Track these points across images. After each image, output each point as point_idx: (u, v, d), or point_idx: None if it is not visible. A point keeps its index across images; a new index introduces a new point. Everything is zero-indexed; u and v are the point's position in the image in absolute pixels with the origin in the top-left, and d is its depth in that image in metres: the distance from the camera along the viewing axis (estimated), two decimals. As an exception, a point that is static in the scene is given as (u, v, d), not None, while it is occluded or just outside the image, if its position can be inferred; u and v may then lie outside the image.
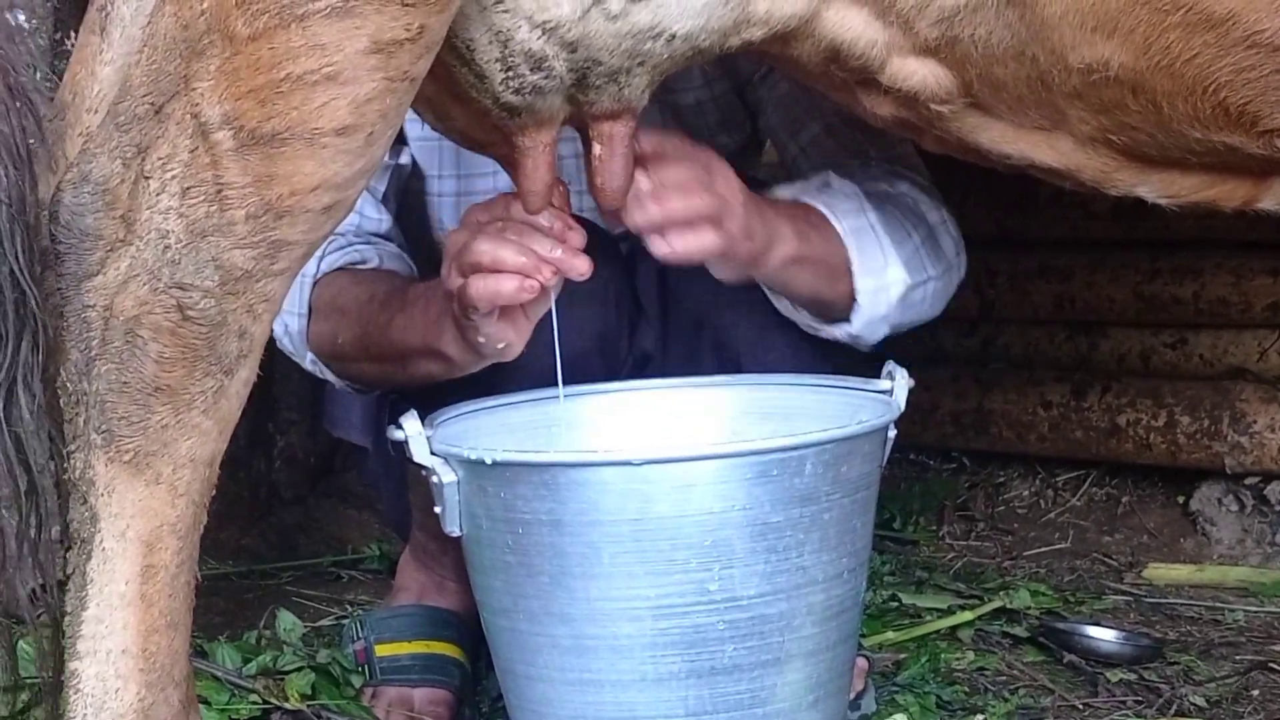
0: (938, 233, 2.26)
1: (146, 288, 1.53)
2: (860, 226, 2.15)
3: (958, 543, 3.38)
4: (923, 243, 2.22)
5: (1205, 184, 1.93)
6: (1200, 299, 3.29)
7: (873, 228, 2.16)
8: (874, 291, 2.16)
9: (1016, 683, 2.49)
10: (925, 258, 2.22)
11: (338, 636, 2.56)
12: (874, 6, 1.77)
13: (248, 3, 1.48)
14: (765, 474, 1.76)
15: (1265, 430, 3.15)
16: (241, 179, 1.52)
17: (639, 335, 2.28)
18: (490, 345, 1.96)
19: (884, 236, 2.16)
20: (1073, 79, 1.77)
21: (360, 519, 3.32)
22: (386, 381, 2.29)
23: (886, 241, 2.16)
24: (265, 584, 3.03)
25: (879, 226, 2.16)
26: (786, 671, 1.82)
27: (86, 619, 1.57)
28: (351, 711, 2.27)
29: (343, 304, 2.25)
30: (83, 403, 1.55)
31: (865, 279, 2.15)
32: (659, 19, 1.71)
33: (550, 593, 1.80)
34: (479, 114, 1.82)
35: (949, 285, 2.29)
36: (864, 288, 2.15)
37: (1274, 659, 2.57)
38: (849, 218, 2.15)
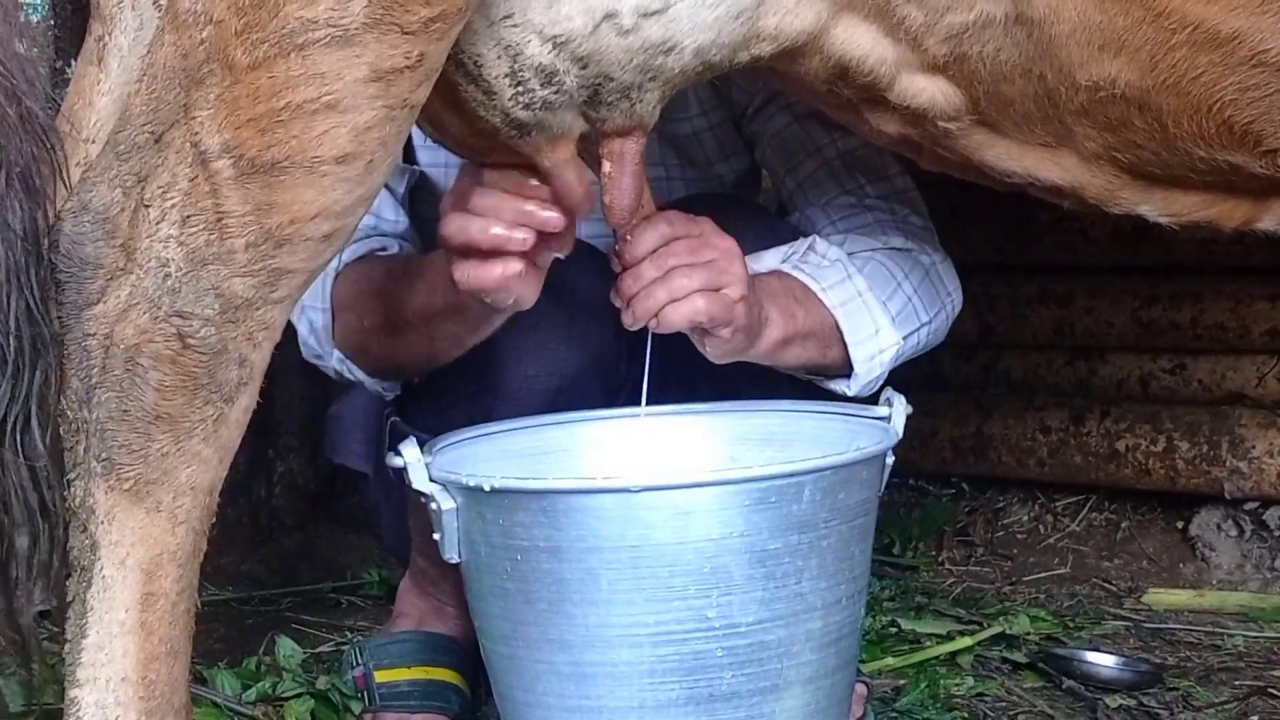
0: (932, 274, 2.28)
1: (147, 316, 1.54)
2: (847, 297, 2.17)
3: (957, 568, 3.38)
4: (916, 289, 2.23)
5: (1206, 203, 1.93)
6: (1199, 324, 3.29)
7: (859, 295, 2.18)
8: (868, 359, 2.19)
9: (1016, 709, 2.49)
10: (917, 305, 2.24)
11: (337, 663, 2.56)
12: (883, 23, 1.77)
13: (247, 32, 1.48)
14: (763, 501, 1.75)
15: (1264, 455, 3.16)
16: (241, 207, 1.52)
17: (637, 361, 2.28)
18: (488, 294, 1.93)
19: (872, 302, 2.18)
20: (1080, 96, 1.78)
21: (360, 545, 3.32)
22: (414, 359, 2.26)
23: (875, 306, 2.18)
24: (265, 610, 3.03)
25: (866, 292, 2.18)
26: (785, 698, 1.81)
27: (86, 646, 1.57)
28: (353, 739, 2.28)
29: (363, 287, 2.25)
30: (83, 430, 1.56)
31: (858, 349, 2.18)
32: (671, 34, 1.72)
33: (549, 619, 1.79)
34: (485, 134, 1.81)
35: (945, 323, 2.32)
36: (858, 357, 2.18)
37: (1274, 684, 2.56)
38: (835, 290, 2.17)
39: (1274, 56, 1.70)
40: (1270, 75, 1.72)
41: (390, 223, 2.40)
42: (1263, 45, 1.70)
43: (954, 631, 2.83)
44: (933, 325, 2.27)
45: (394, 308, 2.19)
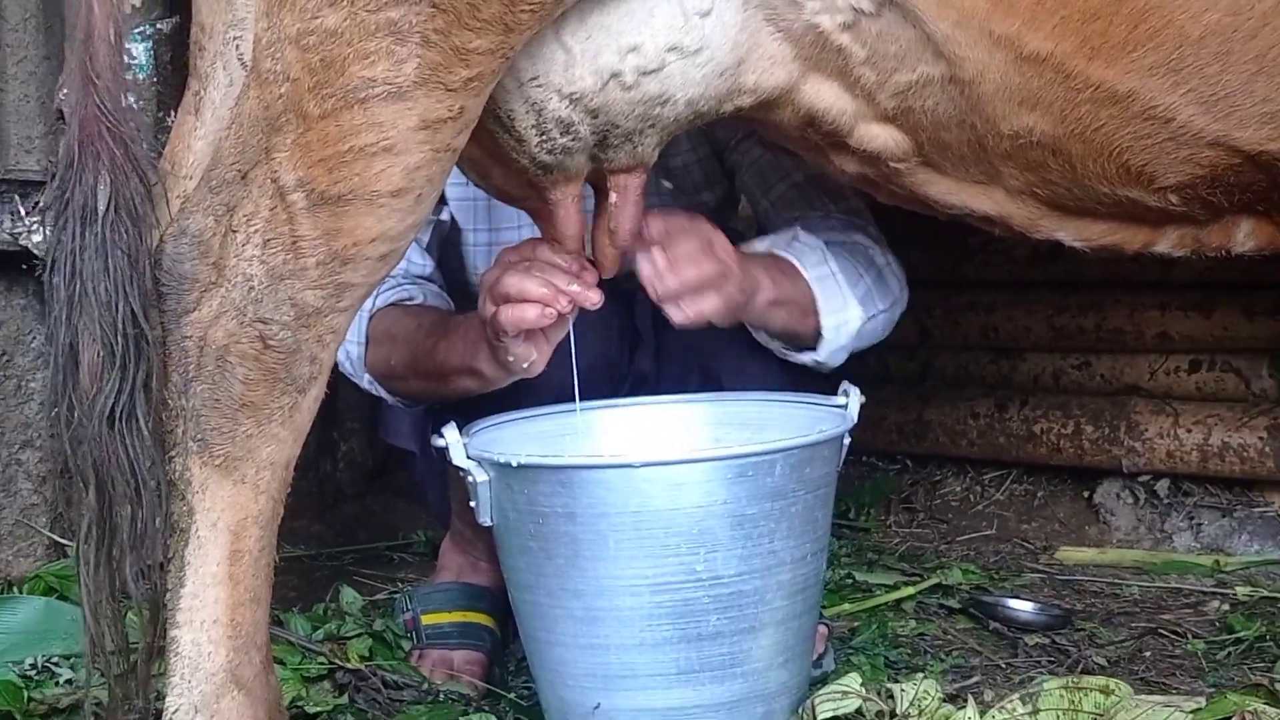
0: (885, 274, 2.27)
1: (234, 321, 1.54)
2: (823, 274, 2.17)
3: (901, 530, 3.36)
4: (874, 283, 2.23)
5: (1113, 230, 1.94)
6: (1101, 329, 3.28)
7: (833, 274, 2.17)
8: (836, 327, 2.18)
9: (950, 646, 2.48)
10: (876, 295, 2.23)
11: (390, 608, 2.55)
12: (843, 82, 1.77)
13: (318, 88, 1.49)
14: (743, 474, 1.76)
15: (1155, 437, 3.15)
16: (313, 232, 1.53)
17: (637, 359, 2.28)
18: (518, 364, 1.98)
19: (842, 281, 2.18)
20: (1004, 143, 1.77)
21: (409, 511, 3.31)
22: (430, 397, 2.29)
23: (844, 285, 2.18)
24: (330, 565, 3.02)
25: (838, 273, 2.18)
26: (760, 637, 1.82)
27: (184, 595, 1.58)
28: (402, 671, 2.27)
29: (395, 333, 2.26)
30: (182, 416, 1.56)
31: (829, 317, 2.17)
32: (666, 88, 1.72)
33: (565, 572, 1.80)
34: (517, 173, 1.82)
35: (895, 314, 2.31)
36: (828, 324, 2.17)
37: (1163, 626, 2.56)
38: (814, 267, 2.17)
39: (1161, 111, 1.71)
40: (1159, 126, 1.73)
41: (419, 266, 2.40)
42: (1153, 102, 1.70)
43: (899, 582, 2.82)
44: (887, 314, 2.27)
45: (419, 357, 2.20)
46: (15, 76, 2.48)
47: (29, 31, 2.49)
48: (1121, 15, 1.63)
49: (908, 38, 1.69)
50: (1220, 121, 1.72)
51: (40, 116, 2.50)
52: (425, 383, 2.23)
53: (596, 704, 1.82)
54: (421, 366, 2.21)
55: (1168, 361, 3.22)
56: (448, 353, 2.14)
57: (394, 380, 2.29)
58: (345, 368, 2.31)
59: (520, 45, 1.58)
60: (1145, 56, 1.66)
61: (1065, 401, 3.33)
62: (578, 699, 1.84)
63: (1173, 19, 1.64)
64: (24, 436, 2.50)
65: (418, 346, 2.21)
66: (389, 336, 2.26)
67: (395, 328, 2.26)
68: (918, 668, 2.32)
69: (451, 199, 2.45)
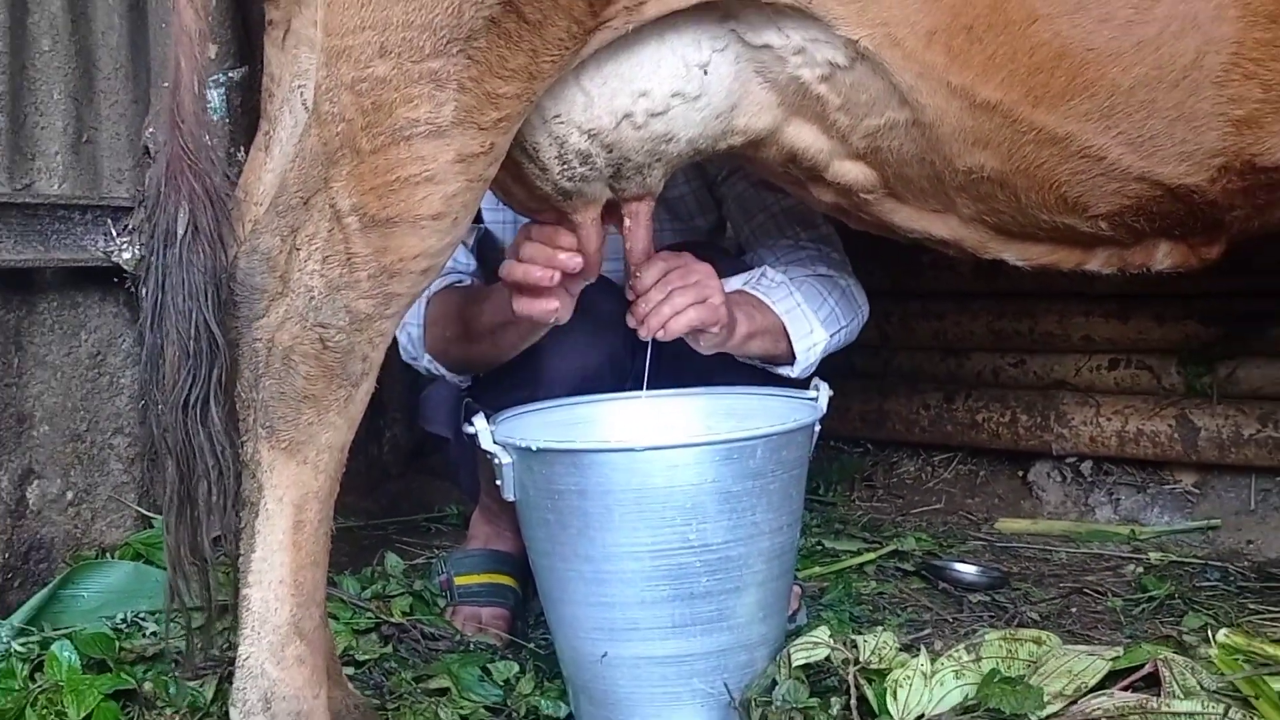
0: (847, 294, 2.28)
1: (298, 326, 1.54)
2: (790, 306, 2.18)
3: (864, 504, 3.37)
4: (837, 304, 2.24)
5: (1051, 251, 1.93)
6: (1034, 332, 3.30)
7: (799, 305, 2.19)
8: (807, 349, 2.20)
9: (905, 604, 2.49)
10: (839, 314, 2.24)
11: (428, 571, 2.55)
12: (820, 124, 1.78)
13: (370, 127, 1.49)
14: (729, 457, 1.76)
15: (1080, 425, 3.16)
16: (365, 250, 1.53)
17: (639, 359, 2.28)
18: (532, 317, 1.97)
19: (807, 309, 2.19)
20: (958, 177, 1.78)
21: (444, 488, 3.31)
22: (482, 359, 2.28)
23: (809, 312, 2.19)
24: (377, 534, 3.02)
25: (803, 303, 2.19)
26: (744, 596, 1.81)
27: (254, 559, 1.58)
28: (438, 624, 2.28)
29: (447, 309, 2.28)
30: (252, 407, 1.56)
31: (800, 341, 2.18)
32: (671, 128, 1.73)
33: (577, 540, 1.80)
34: (541, 198, 1.82)
35: (857, 327, 2.31)
36: (800, 347, 2.19)
37: (1087, 586, 2.57)
38: (781, 302, 2.18)
39: (1095, 151, 1.71)
40: (1092, 164, 1.73)
41: (463, 265, 2.42)
42: (1087, 143, 1.70)
43: (861, 549, 2.83)
44: (849, 328, 2.28)
45: (468, 322, 2.21)
46: (108, 118, 2.48)
47: (119, 79, 2.49)
48: (1061, 69, 1.64)
49: (877, 88, 1.69)
50: (1145, 160, 1.73)
51: (129, 152, 2.51)
52: (476, 345, 2.24)
53: (604, 653, 1.81)
54: (471, 328, 2.22)
55: (1091, 360, 3.23)
56: (493, 312, 2.15)
57: (448, 351, 2.29)
58: (407, 349, 2.33)
59: (543, 90, 1.58)
60: (1081, 104, 1.66)
61: (1003, 394, 3.34)
62: (588, 648, 1.83)
63: (1105, 73, 1.64)
64: (115, 425, 2.50)
65: (465, 312, 2.23)
66: (444, 313, 2.28)
67: (447, 304, 2.29)
68: (878, 622, 2.34)
69: (488, 221, 2.46)
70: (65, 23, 2.39)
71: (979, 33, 1.61)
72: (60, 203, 2.32)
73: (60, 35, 2.38)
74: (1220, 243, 1.93)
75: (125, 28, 2.49)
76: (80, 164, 2.43)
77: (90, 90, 2.45)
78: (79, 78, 2.42)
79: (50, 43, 2.37)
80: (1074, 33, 1.61)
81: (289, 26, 1.52)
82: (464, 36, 1.47)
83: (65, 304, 2.41)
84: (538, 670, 2.07)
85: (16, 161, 2.32)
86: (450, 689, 1.97)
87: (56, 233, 2.32)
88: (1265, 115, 1.69)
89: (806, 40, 1.66)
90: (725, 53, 1.69)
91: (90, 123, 2.46)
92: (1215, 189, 1.77)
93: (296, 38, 1.51)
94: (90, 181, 2.45)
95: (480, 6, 1.46)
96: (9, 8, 2.27)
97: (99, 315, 2.46)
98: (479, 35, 1.47)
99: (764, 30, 1.67)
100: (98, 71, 2.47)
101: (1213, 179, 1.76)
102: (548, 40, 1.52)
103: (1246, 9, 1.62)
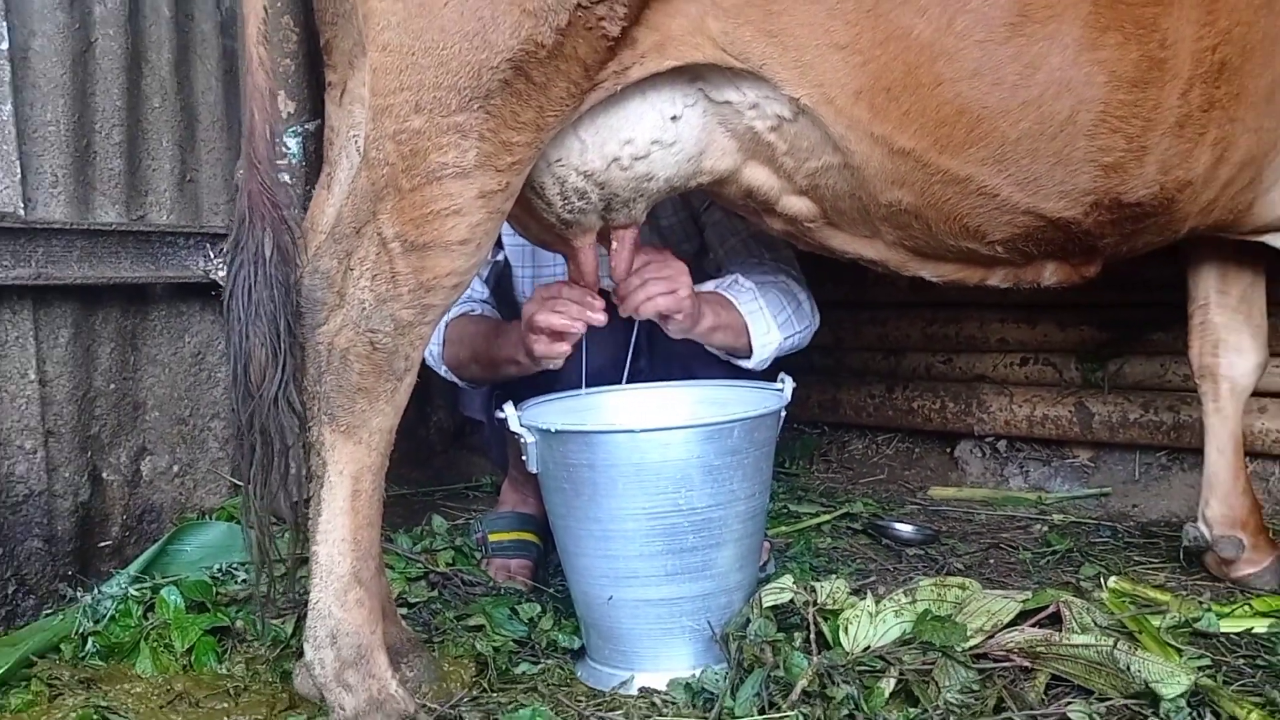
0: (802, 305, 2.26)
1: (352, 332, 1.53)
2: (754, 309, 2.16)
3: (821, 475, 3.37)
4: (793, 313, 2.22)
5: (959, 269, 1.93)
6: (959, 335, 3.29)
7: (762, 309, 2.16)
8: (762, 345, 2.17)
9: (855, 556, 2.48)
10: (794, 320, 2.22)
11: (467, 530, 2.55)
12: (771, 166, 1.77)
13: (409, 170, 1.48)
14: (711, 437, 1.75)
15: (997, 411, 3.15)
16: (406, 269, 1.51)
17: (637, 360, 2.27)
18: (548, 360, 1.98)
19: (768, 313, 2.17)
20: (881, 209, 1.76)
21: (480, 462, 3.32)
22: (486, 379, 2.29)
23: (769, 317, 2.17)
24: (425, 499, 3.02)
25: (765, 308, 2.17)
26: (723, 550, 1.81)
27: (321, 521, 1.57)
28: (475, 573, 2.27)
29: (463, 335, 2.26)
30: (317, 398, 1.55)
31: (757, 339, 2.16)
32: (651, 169, 1.71)
33: (587, 505, 1.79)
34: (547, 227, 1.81)
35: (809, 333, 2.29)
36: (757, 344, 2.16)
37: (1003, 541, 2.56)
38: (747, 303, 2.16)
39: (990, 189, 1.71)
40: (988, 199, 1.72)
41: (480, 294, 2.40)
42: (984, 183, 1.70)
43: (819, 511, 2.82)
44: (802, 333, 2.25)
45: (479, 351, 2.21)
46: (207, 161, 2.48)
47: (216, 130, 2.49)
48: (961, 123, 1.63)
49: (815, 136, 1.68)
50: (1031, 196, 1.72)
51: (224, 189, 2.50)
52: (483, 369, 2.23)
53: (610, 596, 1.81)
54: (481, 358, 2.21)
55: (1005, 358, 3.22)
56: (500, 348, 2.14)
57: (462, 368, 2.29)
58: (429, 361, 2.31)
59: (549, 139, 1.57)
60: (978, 152, 1.66)
61: (934, 386, 3.33)
62: (596, 592, 1.83)
63: (997, 126, 1.63)
64: (212, 411, 2.49)
65: (478, 344, 2.21)
66: (459, 338, 2.26)
67: (463, 332, 2.26)
68: (832, 571, 2.33)
69: (506, 244, 2.44)
70: (172, 84, 2.39)
71: (896, 93, 1.60)
72: (168, 230, 2.32)
73: (168, 95, 2.38)
74: (1097, 263, 1.94)
75: (220, 88, 2.49)
76: (184, 199, 2.43)
77: (192, 139, 2.45)
78: (183, 129, 2.42)
79: (160, 101, 2.37)
80: (971, 94, 1.60)
81: (345, 88, 1.52)
82: (483, 95, 1.46)
83: (172, 313, 2.41)
84: (556, 610, 2.06)
85: (133, 197, 2.32)
86: (485, 625, 1.96)
87: (165, 255, 2.31)
88: (1127, 162, 1.70)
89: (759, 98, 1.65)
90: (694, 108, 1.68)
91: (192, 165, 2.45)
92: (1089, 221, 1.78)
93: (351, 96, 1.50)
94: (192, 213, 2.45)
95: (495, 71, 1.45)
96: (126, 71, 2.27)
97: (199, 322, 2.46)
98: (495, 94, 1.47)
99: (725, 89, 1.66)
100: (198, 124, 2.46)
101: (1086, 212, 1.76)
102: (551, 98, 1.51)
103: (1111, 75, 1.62)
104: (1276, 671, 1.69)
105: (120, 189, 2.27)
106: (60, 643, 1.87)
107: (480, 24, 1.43)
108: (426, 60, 1.44)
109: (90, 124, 2.22)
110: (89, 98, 2.21)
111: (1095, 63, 1.61)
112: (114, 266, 2.20)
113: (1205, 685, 1.59)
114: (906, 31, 1.56)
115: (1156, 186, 1.75)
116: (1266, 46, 1.71)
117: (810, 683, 1.61)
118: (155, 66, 2.35)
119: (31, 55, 2.10)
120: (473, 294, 2.38)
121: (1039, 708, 1.57)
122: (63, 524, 2.16)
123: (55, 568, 2.13)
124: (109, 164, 2.25)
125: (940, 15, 1.56)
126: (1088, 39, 1.60)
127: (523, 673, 1.83)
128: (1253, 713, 1.53)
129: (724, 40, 1.57)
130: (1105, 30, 1.60)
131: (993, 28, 1.57)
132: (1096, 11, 1.60)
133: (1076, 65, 1.61)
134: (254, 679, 1.80)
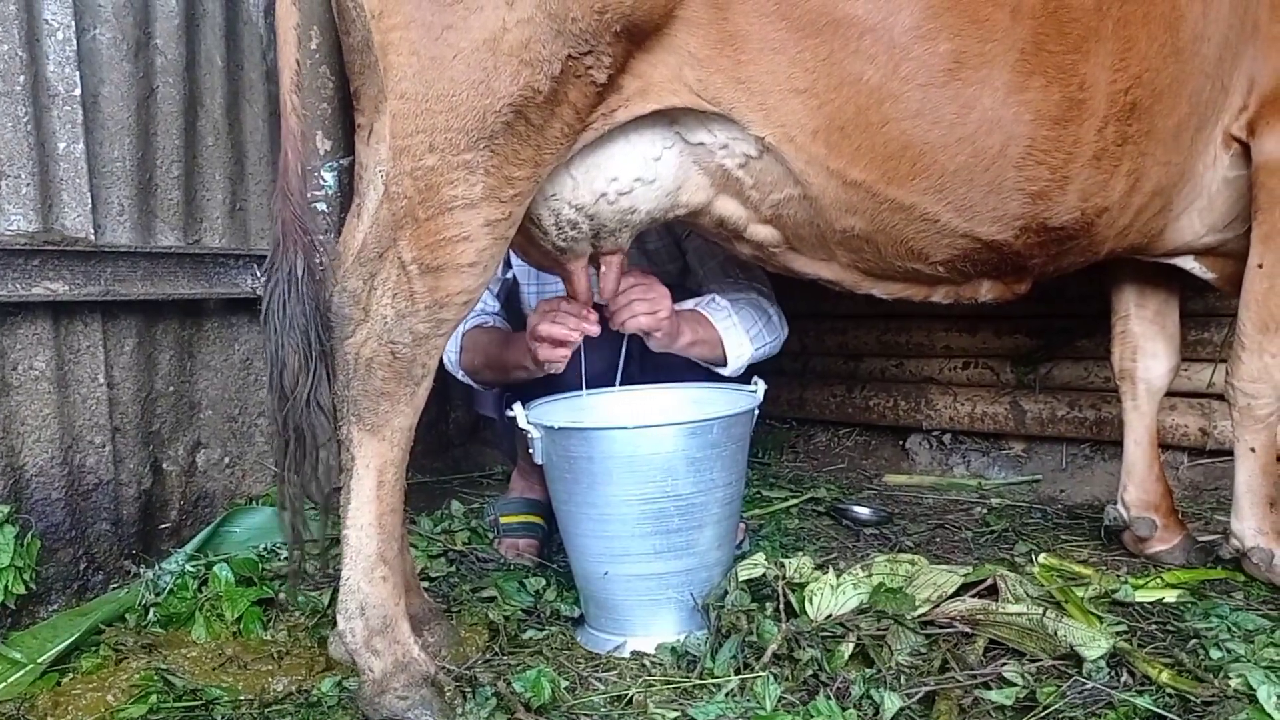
0: (772, 319, 2.25)
1: (375, 343, 1.52)
2: (728, 325, 2.15)
3: (790, 464, 3.36)
4: (764, 326, 2.21)
5: (906, 287, 1.92)
6: (909, 342, 3.28)
7: (735, 324, 2.15)
8: (736, 356, 2.16)
9: (819, 535, 2.47)
10: (764, 333, 2.21)
11: (481, 513, 2.54)
12: (740, 199, 1.76)
13: (424, 202, 1.47)
14: (694, 433, 1.75)
15: (942, 408, 3.15)
16: (422, 289, 1.50)
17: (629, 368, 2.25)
18: (550, 365, 1.96)
19: (741, 328, 2.16)
20: (837, 235, 1.76)
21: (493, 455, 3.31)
22: (498, 382, 2.27)
23: (742, 331, 2.16)
24: (445, 487, 3.01)
25: (739, 323, 2.16)
26: (705, 531, 1.80)
27: (350, 508, 1.55)
28: (488, 551, 2.26)
29: (477, 343, 2.24)
30: (345, 401, 1.54)
31: (731, 350, 2.15)
32: (634, 204, 1.70)
33: (587, 492, 1.78)
34: (544, 252, 1.80)
35: (779, 343, 2.27)
36: (731, 355, 2.15)
37: (947, 522, 2.55)
38: (721, 320, 2.15)
39: (931, 216, 1.70)
40: (930, 225, 1.72)
41: (491, 308, 2.38)
42: (926, 211, 1.70)
43: (788, 496, 2.81)
44: (772, 344, 2.23)
45: (491, 357, 2.19)
46: (254, 192, 2.47)
47: (262, 165, 2.48)
48: (906, 157, 1.62)
49: (778, 171, 1.67)
50: (968, 222, 1.72)
51: (269, 217, 2.49)
52: (495, 373, 2.22)
53: (605, 571, 1.80)
54: (493, 363, 2.20)
55: (950, 362, 3.21)
56: (509, 356, 2.13)
57: (476, 372, 2.27)
58: (448, 366, 2.30)
59: (546, 175, 1.56)
60: (921, 182, 1.65)
61: (889, 387, 3.32)
62: (594, 568, 1.82)
63: (937, 159, 1.63)
64: (259, 410, 2.48)
65: (490, 351, 2.20)
66: (474, 346, 2.25)
67: (477, 341, 2.25)
68: (799, 549, 2.32)
69: (514, 264, 2.43)
70: (224, 125, 2.38)
71: (848, 131, 1.59)
72: (220, 252, 2.31)
73: (220, 134, 2.37)
74: (1027, 281, 1.93)
75: (266, 129, 2.48)
76: (235, 225, 2.42)
77: (242, 173, 2.44)
78: (234, 164, 2.41)
79: (213, 140, 2.36)
80: (914, 131, 1.60)
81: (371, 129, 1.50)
82: (488, 136, 1.45)
83: (223, 325, 2.40)
84: (559, 583, 2.05)
85: (189, 223, 2.31)
86: (496, 597, 1.95)
87: (218, 274, 2.30)
88: (1051, 190, 1.70)
89: (729, 138, 1.65)
90: (672, 149, 1.67)
91: (241, 196, 2.44)
92: (1019, 243, 1.77)
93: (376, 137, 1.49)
94: (242, 237, 2.44)
95: (498, 115, 1.44)
96: (184, 114, 2.27)
97: (247, 332, 2.45)
98: (498, 135, 1.46)
99: (699, 131, 1.65)
100: (247, 160, 2.46)
101: (1016, 235, 1.75)
102: (548, 138, 1.50)
103: (1037, 114, 1.62)
104: (1184, 636, 1.69)
105: (178, 216, 2.27)
106: (125, 613, 1.87)
107: (484, 73, 1.42)
108: (439, 106, 1.43)
109: (152, 160, 2.21)
110: (151, 137, 2.20)
111: (1022, 103, 1.61)
112: (173, 284, 2.19)
113: (1122, 648, 1.58)
114: (858, 77, 1.56)
115: (1078, 212, 1.75)
116: (1174, 90, 1.72)
117: (780, 646, 1.61)
118: (209, 110, 2.34)
119: (101, 100, 2.09)
120: (485, 307, 2.37)
121: (978, 668, 1.56)
122: (128, 509, 2.16)
123: (121, 547, 2.12)
124: (168, 195, 2.24)
125: (887, 62, 1.56)
126: (1016, 82, 1.60)
127: (530, 638, 1.82)
128: (1163, 672, 1.52)
129: (698, 86, 1.57)
130: (1031, 75, 1.60)
131: (933, 73, 1.57)
132: (1023, 59, 1.60)
133: (1006, 105, 1.61)
134: (295, 644, 1.79)
